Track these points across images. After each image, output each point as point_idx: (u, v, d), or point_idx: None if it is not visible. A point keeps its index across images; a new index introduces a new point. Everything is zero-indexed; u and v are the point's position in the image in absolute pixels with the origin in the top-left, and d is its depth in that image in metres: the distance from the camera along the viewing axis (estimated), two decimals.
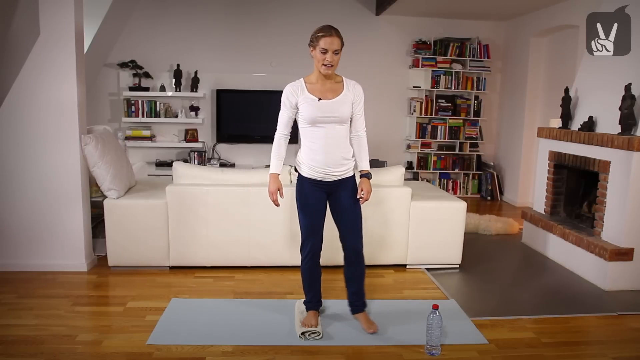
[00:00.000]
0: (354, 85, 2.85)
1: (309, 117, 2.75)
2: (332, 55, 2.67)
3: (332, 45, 2.66)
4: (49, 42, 3.63)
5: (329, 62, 2.68)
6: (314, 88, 2.78)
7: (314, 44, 2.71)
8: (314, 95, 2.76)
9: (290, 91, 2.79)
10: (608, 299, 3.56)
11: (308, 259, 2.90)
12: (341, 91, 2.79)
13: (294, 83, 2.82)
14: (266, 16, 6.67)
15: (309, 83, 2.80)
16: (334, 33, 2.67)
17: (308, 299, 3.02)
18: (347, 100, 2.79)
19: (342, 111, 2.77)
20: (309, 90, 2.77)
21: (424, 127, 7.02)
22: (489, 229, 5.17)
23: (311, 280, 2.98)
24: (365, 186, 2.84)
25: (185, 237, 3.82)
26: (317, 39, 2.69)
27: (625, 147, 3.58)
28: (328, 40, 2.66)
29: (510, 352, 2.78)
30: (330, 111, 2.75)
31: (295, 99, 2.78)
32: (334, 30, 2.69)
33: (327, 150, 2.78)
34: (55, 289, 3.50)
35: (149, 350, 2.69)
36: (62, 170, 3.75)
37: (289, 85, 2.82)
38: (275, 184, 2.82)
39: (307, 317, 2.96)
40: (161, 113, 6.52)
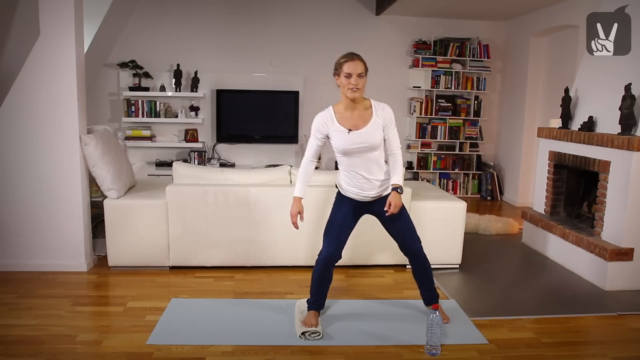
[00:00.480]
0: (383, 108, 2.85)
1: (340, 148, 2.81)
2: (356, 78, 2.70)
3: (356, 69, 2.70)
4: (49, 42, 3.63)
5: (354, 85, 2.70)
6: (343, 118, 2.80)
7: (338, 71, 2.75)
8: (343, 126, 2.78)
9: (321, 122, 2.83)
10: (608, 299, 3.56)
11: (322, 264, 2.93)
12: (370, 118, 2.80)
13: (323, 113, 2.84)
14: (266, 16, 6.67)
15: (338, 113, 2.82)
16: (356, 58, 2.73)
17: (312, 300, 3.03)
18: (377, 126, 2.81)
19: (373, 139, 2.80)
20: (338, 121, 2.80)
21: (424, 127, 7.02)
22: (489, 229, 5.17)
23: (320, 284, 3.01)
24: (394, 199, 2.84)
25: (185, 237, 3.82)
26: (340, 66, 2.74)
27: (625, 147, 3.58)
28: (351, 64, 2.70)
29: (510, 352, 2.78)
30: (361, 141, 2.78)
31: (325, 130, 2.82)
32: (356, 55, 2.75)
33: (362, 176, 2.85)
34: (55, 289, 3.50)
35: (149, 350, 2.69)
36: (62, 170, 3.75)
37: (318, 116, 2.85)
38: (296, 207, 2.88)
39: (308, 317, 2.97)
40: (161, 113, 6.52)
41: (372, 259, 3.99)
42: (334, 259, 2.93)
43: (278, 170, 4.04)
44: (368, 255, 3.96)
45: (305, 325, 2.90)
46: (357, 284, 3.71)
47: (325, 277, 2.99)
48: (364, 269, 3.97)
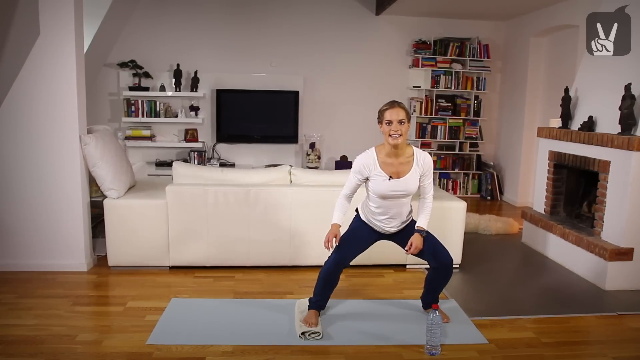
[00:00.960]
0: (424, 158, 2.91)
1: (377, 192, 2.88)
2: (397, 125, 2.77)
3: (397, 116, 2.77)
4: (49, 42, 3.63)
5: (394, 132, 2.77)
6: (386, 163, 2.86)
7: (380, 118, 2.84)
8: (385, 172, 2.85)
9: (363, 164, 2.88)
10: (608, 298, 3.56)
11: (329, 265, 2.96)
12: (411, 167, 2.87)
13: (366, 155, 2.90)
14: (266, 16, 6.67)
15: (381, 158, 2.88)
16: (396, 105, 2.81)
17: (315, 299, 3.04)
18: (416, 175, 2.89)
19: (410, 187, 2.88)
20: (380, 166, 2.86)
21: (424, 127, 7.02)
22: (489, 229, 5.17)
23: (325, 285, 3.02)
24: (415, 241, 2.92)
25: (185, 237, 3.82)
26: (381, 113, 2.83)
27: (625, 147, 3.58)
28: (392, 112, 2.79)
29: (510, 352, 2.78)
30: (400, 189, 2.86)
31: (367, 173, 2.89)
32: (397, 103, 2.84)
33: (388, 215, 2.94)
34: (55, 289, 3.50)
35: (148, 350, 2.69)
36: (62, 170, 3.75)
37: (361, 157, 2.90)
38: (333, 232, 2.91)
39: (308, 316, 2.97)
40: (161, 113, 6.52)
41: (372, 259, 3.98)
42: (343, 264, 2.97)
43: (278, 170, 4.04)
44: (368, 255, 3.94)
45: (306, 324, 2.91)
46: (357, 284, 3.71)
47: (332, 279, 3.01)
48: (364, 269, 3.97)
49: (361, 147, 7.69)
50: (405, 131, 2.81)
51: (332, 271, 2.97)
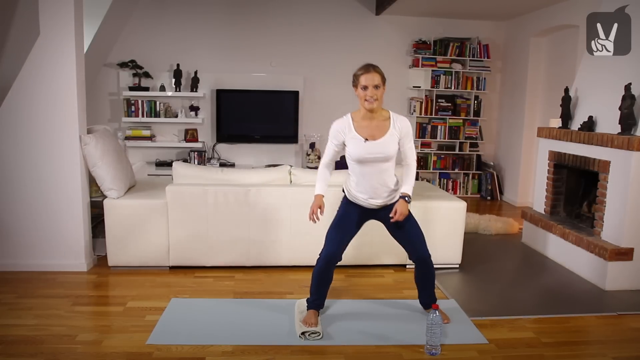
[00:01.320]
0: (401, 121, 2.90)
1: (355, 156, 2.84)
2: (372, 90, 2.75)
3: (372, 81, 2.75)
4: (49, 42, 3.63)
5: (370, 97, 2.75)
6: (361, 126, 2.84)
7: (356, 83, 2.81)
8: (360, 134, 2.82)
9: (338, 129, 2.87)
10: (608, 298, 3.56)
11: (321, 263, 2.95)
12: (387, 129, 2.85)
13: (341, 120, 2.88)
14: (266, 16, 6.67)
15: (356, 121, 2.86)
16: (372, 69, 2.78)
17: (312, 299, 3.04)
18: (394, 138, 2.86)
19: (388, 150, 2.84)
20: (356, 129, 2.83)
21: (424, 127, 7.02)
22: (489, 229, 5.17)
23: (320, 284, 3.01)
24: (400, 207, 2.88)
25: (185, 237, 3.82)
26: (357, 78, 2.80)
27: (625, 147, 3.58)
28: (368, 76, 2.76)
29: (510, 352, 2.78)
30: (376, 152, 2.82)
31: (342, 137, 2.86)
32: (373, 67, 2.80)
33: (372, 185, 2.88)
34: (55, 289, 3.50)
35: (148, 350, 2.69)
36: (62, 170, 3.75)
37: (336, 123, 2.89)
38: (317, 203, 2.89)
39: (308, 316, 2.97)
40: (161, 113, 6.52)
41: (372, 259, 3.99)
42: (334, 259, 2.94)
43: (278, 170, 4.04)
44: (368, 255, 3.96)
45: (305, 324, 2.90)
46: (357, 284, 3.71)
47: (326, 277, 3.00)
48: (364, 269, 3.97)
49: None
50: (381, 95, 2.79)
51: (324, 269, 2.95)
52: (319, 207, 2.88)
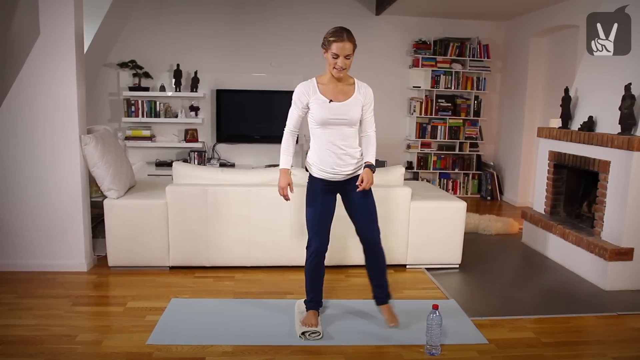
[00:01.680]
0: (365, 88, 2.88)
1: (319, 118, 2.80)
2: (343, 59, 2.72)
3: (344, 51, 2.70)
4: (49, 42, 3.63)
5: (340, 67, 2.73)
6: (326, 89, 2.82)
7: (326, 47, 2.76)
8: (325, 96, 2.79)
9: (302, 91, 2.85)
10: (608, 298, 3.56)
11: (312, 258, 2.92)
12: (352, 94, 2.83)
13: (306, 83, 2.86)
14: (266, 16, 6.67)
15: (321, 84, 2.84)
16: (345, 38, 2.70)
17: (309, 298, 3.03)
18: (358, 103, 2.83)
19: (352, 114, 2.81)
20: (320, 91, 2.81)
21: (424, 127, 7.02)
22: (489, 229, 5.17)
23: (314, 280, 2.99)
24: (366, 175, 2.82)
25: (185, 237, 3.82)
26: (329, 43, 2.74)
27: (625, 147, 3.58)
28: (340, 45, 2.69)
29: (510, 352, 2.78)
30: (341, 113, 2.78)
31: (306, 99, 2.83)
32: (346, 34, 2.71)
33: (335, 151, 2.82)
34: (55, 289, 3.50)
35: (149, 350, 2.69)
36: (62, 170, 3.75)
37: (300, 85, 2.87)
38: (285, 179, 2.85)
39: (307, 317, 2.96)
40: (161, 113, 6.52)
41: None
42: (323, 251, 2.92)
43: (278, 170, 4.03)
44: None
45: (305, 325, 2.90)
46: (357, 284, 3.71)
47: (318, 272, 2.97)
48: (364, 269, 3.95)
49: None
50: (349, 65, 2.76)
51: (317, 263, 2.92)
52: (288, 184, 2.84)
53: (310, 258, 2.93)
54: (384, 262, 3.03)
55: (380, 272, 3.04)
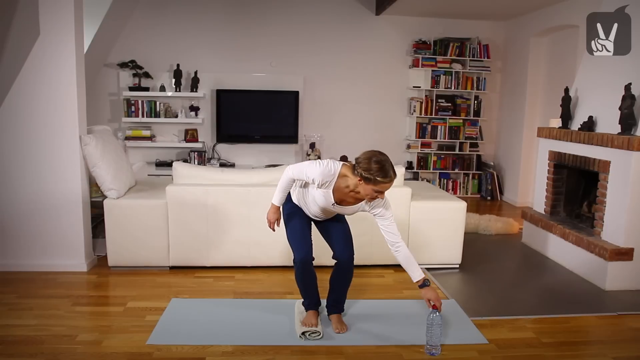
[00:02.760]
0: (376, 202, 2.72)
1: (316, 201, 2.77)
2: (383, 194, 2.64)
3: (387, 189, 2.61)
4: (49, 42, 3.63)
5: (375, 199, 2.65)
6: (340, 189, 2.67)
7: (371, 181, 2.53)
8: (334, 194, 2.69)
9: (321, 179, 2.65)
10: (608, 299, 3.56)
11: (300, 269, 2.90)
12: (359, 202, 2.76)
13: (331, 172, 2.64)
14: (266, 16, 6.67)
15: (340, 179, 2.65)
16: (393, 179, 2.56)
17: (306, 302, 3.03)
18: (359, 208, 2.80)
19: (347, 212, 2.83)
20: (334, 188, 2.67)
21: (424, 127, 7.02)
22: (489, 229, 5.17)
23: (305, 285, 2.99)
24: (431, 295, 2.70)
25: (185, 237, 3.82)
26: (375, 181, 2.53)
27: (625, 147, 3.59)
28: (387, 186, 2.57)
29: (510, 352, 2.78)
30: (337, 211, 2.83)
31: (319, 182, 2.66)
32: (393, 171, 2.56)
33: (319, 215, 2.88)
34: (55, 289, 3.50)
35: (149, 350, 2.69)
36: (62, 170, 3.75)
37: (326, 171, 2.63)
38: (275, 214, 2.90)
39: (307, 317, 2.97)
40: (161, 113, 6.52)
41: (372, 259, 3.99)
42: (308, 261, 2.87)
43: (278, 170, 4.04)
44: (368, 255, 3.96)
45: (306, 325, 2.90)
46: (357, 284, 3.70)
47: (308, 278, 2.96)
48: (364, 269, 3.97)
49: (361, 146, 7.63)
50: None
51: (304, 272, 2.91)
52: (277, 219, 2.89)
53: (298, 270, 2.91)
54: (350, 280, 3.03)
55: (343, 287, 3.04)
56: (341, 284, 3.02)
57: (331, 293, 3.05)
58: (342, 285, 3.03)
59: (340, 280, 3.01)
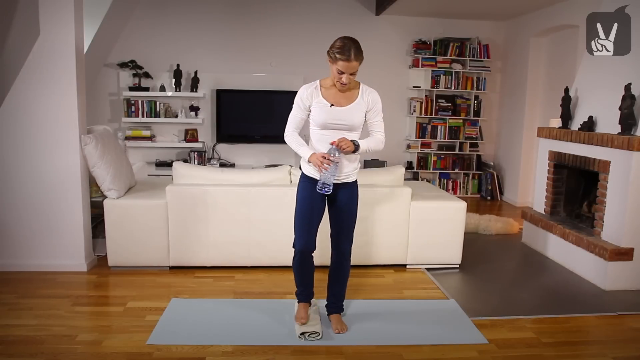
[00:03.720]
0: (370, 93, 2.81)
1: (319, 121, 2.77)
2: (347, 77, 2.66)
3: (350, 69, 2.64)
4: (49, 42, 3.63)
5: (344, 82, 2.68)
6: (329, 93, 2.77)
7: (333, 60, 2.66)
8: (327, 100, 2.75)
9: (305, 94, 2.80)
10: (608, 299, 3.56)
11: (298, 257, 2.90)
12: (355, 99, 2.78)
13: (309, 85, 2.82)
14: (266, 16, 6.67)
15: (324, 87, 2.80)
16: (352, 58, 2.60)
17: (299, 291, 3.03)
18: (361, 108, 2.78)
19: (353, 119, 2.76)
20: (323, 95, 2.77)
21: (424, 127, 7.02)
22: (489, 229, 5.17)
23: (302, 276, 2.99)
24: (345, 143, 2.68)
25: (185, 237, 3.82)
26: (335, 60, 2.64)
27: (625, 147, 3.58)
28: (347, 65, 2.61)
29: (510, 352, 2.78)
30: (341, 118, 2.74)
31: (309, 102, 2.79)
32: (354, 53, 2.60)
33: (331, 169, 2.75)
34: (55, 289, 3.50)
35: (149, 350, 2.69)
36: (62, 170, 3.75)
37: (304, 87, 2.82)
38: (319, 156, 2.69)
39: (298, 311, 2.97)
40: (161, 113, 6.52)
41: (372, 259, 3.99)
42: (308, 251, 2.87)
43: (278, 170, 4.04)
44: (368, 255, 3.96)
45: (296, 320, 2.91)
46: (357, 284, 3.71)
47: (306, 268, 2.95)
48: (364, 269, 3.97)
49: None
50: (354, 79, 2.72)
51: (302, 262, 2.91)
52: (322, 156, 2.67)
53: (296, 258, 2.90)
54: (347, 274, 3.01)
55: (340, 283, 3.02)
56: (338, 280, 3.01)
57: (330, 292, 3.05)
58: (339, 280, 3.01)
59: (336, 276, 3.00)
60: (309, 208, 2.84)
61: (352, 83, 2.79)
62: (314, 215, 2.85)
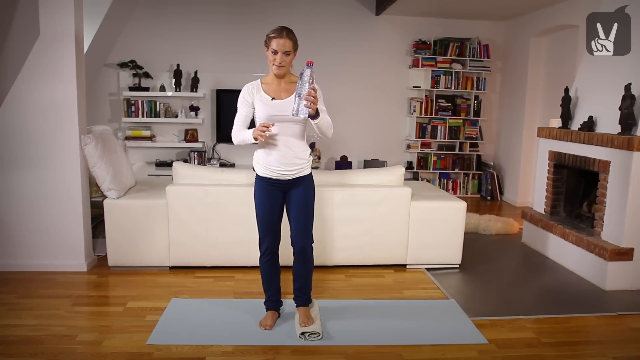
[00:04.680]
0: None
1: (263, 116, 2.80)
2: (282, 56, 2.70)
3: (283, 47, 2.69)
4: (49, 42, 3.63)
5: (278, 63, 2.72)
6: (269, 88, 2.84)
7: (267, 44, 2.76)
8: (268, 94, 2.81)
9: (247, 91, 2.88)
10: (608, 299, 3.56)
11: (264, 257, 2.95)
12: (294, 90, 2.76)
13: (250, 83, 2.90)
14: (266, 16, 6.66)
15: (265, 83, 2.87)
16: (284, 35, 2.69)
17: (267, 297, 3.06)
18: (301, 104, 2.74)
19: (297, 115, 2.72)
20: (264, 90, 2.84)
21: (423, 127, 7.02)
22: (489, 229, 5.17)
23: (269, 278, 3.02)
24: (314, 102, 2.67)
25: (185, 237, 3.81)
26: (269, 40, 2.74)
27: (625, 147, 3.59)
28: (279, 41, 2.69)
29: (510, 352, 2.78)
30: (283, 110, 2.76)
31: (251, 98, 2.86)
32: (286, 31, 2.71)
33: (280, 149, 2.81)
34: (55, 289, 3.50)
35: (149, 350, 2.69)
36: (62, 170, 3.75)
37: (246, 86, 2.90)
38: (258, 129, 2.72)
39: (265, 318, 3.00)
40: (161, 113, 6.52)
41: (372, 259, 3.99)
42: (273, 250, 2.95)
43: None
44: (368, 255, 3.96)
45: (261, 326, 2.94)
46: (357, 284, 3.71)
47: (273, 271, 3.00)
48: (364, 269, 3.97)
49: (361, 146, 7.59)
50: (290, 62, 2.76)
51: (269, 263, 2.96)
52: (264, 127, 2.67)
53: (262, 257, 2.96)
54: (310, 269, 3.02)
55: (303, 277, 3.03)
56: (300, 273, 3.01)
57: (294, 286, 3.07)
58: (301, 274, 3.02)
59: (298, 269, 3.01)
60: (268, 207, 2.88)
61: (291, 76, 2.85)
62: (274, 213, 2.91)
